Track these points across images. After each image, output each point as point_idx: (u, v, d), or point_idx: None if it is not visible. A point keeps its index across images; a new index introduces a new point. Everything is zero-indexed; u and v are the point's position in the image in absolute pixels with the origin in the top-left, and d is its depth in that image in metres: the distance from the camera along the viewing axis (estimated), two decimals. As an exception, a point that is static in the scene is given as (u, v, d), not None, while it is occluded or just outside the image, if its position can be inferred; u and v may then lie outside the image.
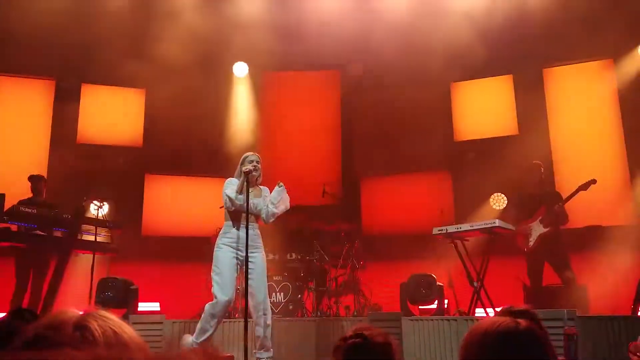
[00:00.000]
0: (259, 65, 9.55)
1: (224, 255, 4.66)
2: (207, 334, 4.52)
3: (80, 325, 0.82)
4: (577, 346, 3.53)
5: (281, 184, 4.77)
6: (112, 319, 0.86)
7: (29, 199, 6.54)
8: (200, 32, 8.34)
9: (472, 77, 9.17)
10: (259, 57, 9.10)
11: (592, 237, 7.40)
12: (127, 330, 0.86)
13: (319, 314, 6.58)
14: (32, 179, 6.71)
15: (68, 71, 9.00)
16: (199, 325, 4.59)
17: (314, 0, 8.85)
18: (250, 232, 4.57)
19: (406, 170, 9.15)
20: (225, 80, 9.46)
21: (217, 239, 4.81)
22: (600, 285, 6.51)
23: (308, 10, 8.72)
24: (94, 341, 0.80)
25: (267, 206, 4.70)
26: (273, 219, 4.76)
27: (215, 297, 4.56)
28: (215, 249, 4.75)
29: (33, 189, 6.65)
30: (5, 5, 8.04)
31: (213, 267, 4.69)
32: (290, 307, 6.50)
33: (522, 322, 1.35)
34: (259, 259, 4.66)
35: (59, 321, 0.83)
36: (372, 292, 7.29)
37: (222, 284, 4.58)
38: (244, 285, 4.67)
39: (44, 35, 7.91)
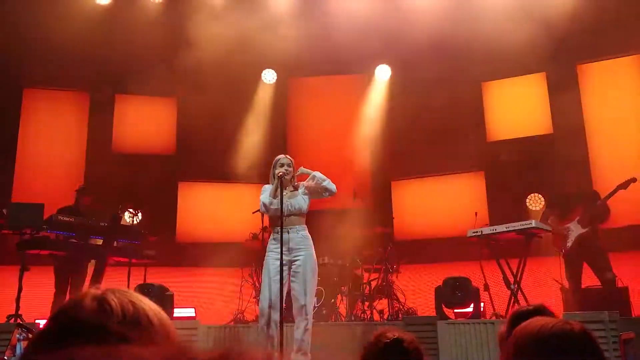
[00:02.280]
0: (287, 71, 9.62)
1: (268, 262, 4.65)
2: (270, 341, 4.49)
3: (98, 297, 0.83)
4: (636, 351, 3.40)
5: (303, 169, 4.83)
6: (132, 293, 0.86)
7: (69, 207, 6.70)
8: (229, 39, 8.42)
9: (504, 76, 9.01)
10: (288, 63, 9.17)
11: (633, 236, 7.19)
12: (147, 302, 0.86)
13: (352, 318, 6.54)
14: (77, 191, 6.90)
15: (102, 83, 9.21)
16: None
17: (341, 3, 8.85)
18: (294, 234, 4.58)
19: (439, 172, 9.05)
20: (254, 86, 9.54)
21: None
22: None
23: (335, 14, 8.71)
24: (111, 311, 0.80)
25: (322, 187, 4.75)
26: (329, 183, 4.77)
27: None
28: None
29: (76, 199, 6.83)
30: (40, 20, 8.27)
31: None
32: (324, 311, 6.47)
33: (576, 325, 1.31)
34: (303, 261, 4.59)
35: (79, 297, 0.84)
36: (406, 296, 7.22)
37: (262, 291, 4.61)
38: (286, 290, 4.65)
39: (77, 48, 8.12)
